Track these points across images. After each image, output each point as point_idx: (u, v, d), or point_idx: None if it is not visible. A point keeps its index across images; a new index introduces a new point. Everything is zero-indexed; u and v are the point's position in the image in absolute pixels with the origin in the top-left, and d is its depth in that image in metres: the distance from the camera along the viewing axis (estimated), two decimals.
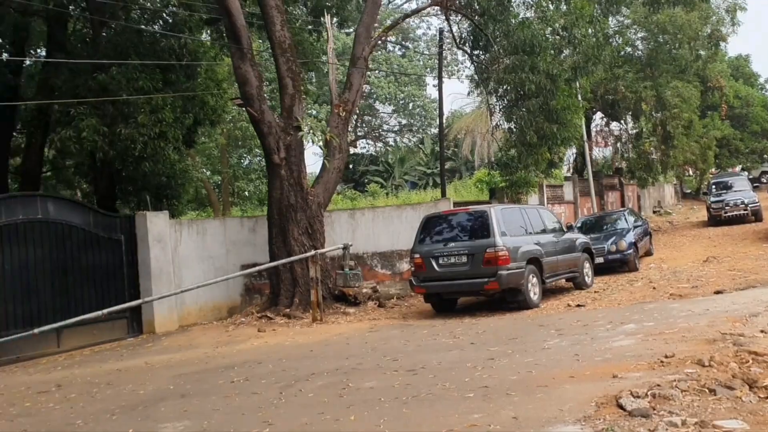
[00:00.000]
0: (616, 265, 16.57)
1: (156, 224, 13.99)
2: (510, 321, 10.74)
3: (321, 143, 13.93)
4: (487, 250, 11.49)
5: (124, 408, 7.57)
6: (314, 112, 41.63)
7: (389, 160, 56.20)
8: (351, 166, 56.93)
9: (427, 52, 55.42)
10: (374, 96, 55.80)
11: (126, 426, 6.85)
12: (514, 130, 16.77)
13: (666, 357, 6.43)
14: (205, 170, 35.59)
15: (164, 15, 15.71)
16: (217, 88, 17.57)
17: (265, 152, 14.42)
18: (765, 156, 44.49)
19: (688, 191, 42.64)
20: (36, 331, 9.35)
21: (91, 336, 12.82)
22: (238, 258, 15.36)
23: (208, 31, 18.38)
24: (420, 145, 57.43)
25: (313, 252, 12.91)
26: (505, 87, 16.33)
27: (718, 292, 10.96)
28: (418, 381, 6.99)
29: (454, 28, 18.36)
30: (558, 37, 17.43)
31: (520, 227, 12.43)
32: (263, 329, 12.38)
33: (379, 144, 61.96)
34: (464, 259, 11.73)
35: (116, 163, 14.97)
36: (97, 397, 8.38)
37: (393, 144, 60.13)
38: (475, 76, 18.91)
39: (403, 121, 59.52)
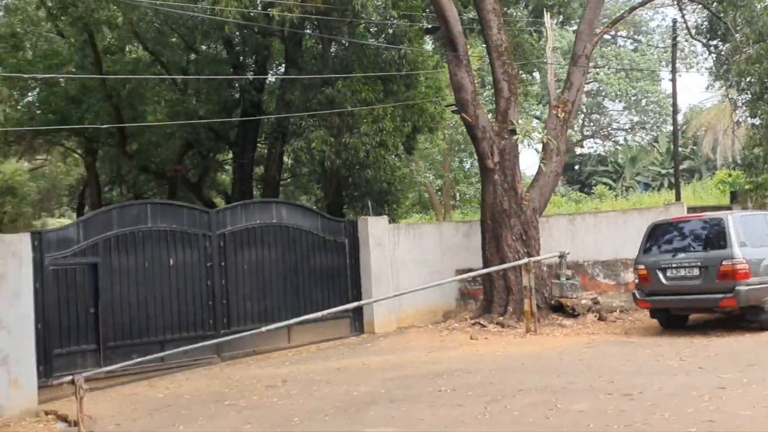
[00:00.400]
0: None
1: (376, 228, 14.54)
2: (750, 344, 9.50)
3: (536, 146, 13.50)
4: (723, 263, 10.29)
5: (338, 409, 7.92)
6: (538, 113, 40.82)
7: (619, 160, 53.25)
8: (577, 167, 54.96)
9: (662, 45, 51.60)
10: (603, 94, 53.32)
11: (336, 427, 7.16)
12: (759, 126, 14.90)
13: None
14: (428, 175, 36.49)
15: (386, 28, 16.31)
16: (436, 95, 17.90)
17: (478, 157, 14.34)
18: None
19: None
20: (264, 329, 10.16)
21: (317, 333, 13.65)
22: (453, 262, 15.44)
23: (430, 40, 18.79)
24: (654, 144, 53.63)
25: (526, 259, 12.56)
26: (748, 79, 14.57)
27: None
28: (633, 408, 6.43)
29: (690, 18, 16.86)
30: None
31: (765, 237, 10.94)
32: (475, 337, 12.30)
33: (608, 143, 59.05)
34: (696, 271, 10.62)
35: (342, 171, 15.87)
36: (315, 395, 8.88)
37: (623, 143, 56.94)
38: (714, 69, 17.15)
39: (635, 119, 56.12)
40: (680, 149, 50.42)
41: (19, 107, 19.04)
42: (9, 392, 9.66)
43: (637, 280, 11.54)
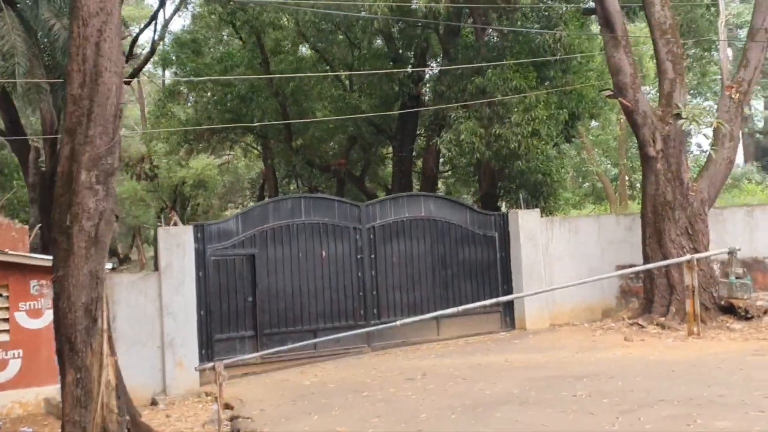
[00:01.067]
0: None
1: (527, 221, 14.10)
2: None
3: (705, 131, 12.34)
4: None
5: (466, 407, 7.82)
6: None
7: None
8: None
9: None
10: None
11: (459, 427, 7.06)
12: None
13: None
14: (606, 163, 34.79)
15: (540, 11, 15.66)
16: (599, 79, 16.92)
17: (639, 145, 13.37)
18: None
19: None
20: (398, 323, 10.21)
21: (467, 327, 13.55)
22: (614, 258, 14.53)
23: (590, 21, 17.79)
24: None
25: (689, 257, 11.51)
26: None
27: None
28: None
29: None
30: None
31: None
32: (630, 338, 11.52)
33: None
34: None
35: (493, 163, 15.54)
36: (450, 391, 8.83)
37: None
38: None
39: None
40: None
41: (198, 107, 20.70)
42: (174, 373, 10.63)
43: None
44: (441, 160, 21.02)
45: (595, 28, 18.08)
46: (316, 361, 12.08)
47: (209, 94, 20.18)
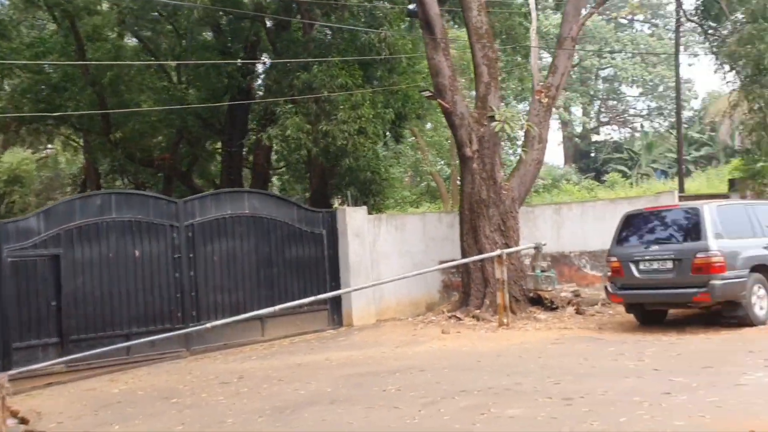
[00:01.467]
0: None
1: (355, 219, 14.18)
2: (717, 343, 8.96)
3: (516, 133, 13.01)
4: (697, 255, 9.74)
5: (276, 409, 7.60)
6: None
7: (635, 148, 52.14)
8: (592, 155, 53.95)
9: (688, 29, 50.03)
10: (619, 79, 52.18)
11: (264, 430, 6.83)
12: (757, 110, 14.21)
13: None
14: (440, 162, 35.93)
15: (365, 10, 15.79)
16: (425, 81, 17.37)
17: (457, 145, 13.87)
18: None
19: None
20: (209, 325, 9.84)
21: (294, 326, 13.35)
22: (437, 254, 15.01)
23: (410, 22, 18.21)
24: (671, 130, 52.43)
25: (498, 251, 12.09)
26: (741, 61, 13.87)
27: None
28: (567, 415, 6.00)
29: None
30: None
31: (745, 228, 10.34)
32: (447, 331, 11.89)
33: (625, 130, 57.93)
34: (669, 264, 10.07)
35: (321, 160, 15.46)
36: (263, 394, 8.57)
37: (640, 129, 55.79)
38: (713, 50, 16.44)
39: (652, 105, 54.94)
40: (697, 135, 49.26)
41: (3, 96, 18.84)
42: None
43: (609, 273, 11.04)
44: (275, 156, 20.67)
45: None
46: (129, 367, 11.35)
47: (17, 81, 18.41)
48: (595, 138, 57.16)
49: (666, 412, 5.69)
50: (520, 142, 15.43)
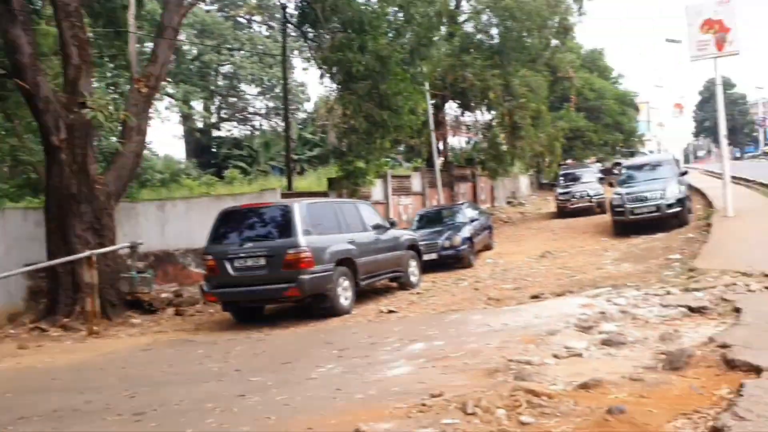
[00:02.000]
0: (451, 261, 15.69)
1: None
2: (303, 336, 9.34)
3: (112, 123, 11.98)
4: (288, 252, 10.05)
5: None
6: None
7: (254, 145, 53.84)
8: (214, 150, 54.08)
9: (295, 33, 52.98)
10: (238, 77, 53.21)
11: None
12: (348, 115, 15.45)
13: (433, 396, 5.26)
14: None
15: None
16: None
17: (41, 132, 12.28)
18: (617, 148, 45.94)
19: (545, 182, 43.35)
20: None
21: None
22: (23, 256, 13.01)
23: None
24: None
25: (88, 252, 10.98)
26: (334, 68, 14.94)
27: (534, 297, 10.17)
28: None
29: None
30: (398, 16, 16.24)
31: (331, 225, 11.05)
32: (26, 345, 10.36)
33: (245, 127, 59.40)
34: (262, 261, 10.21)
35: None
36: None
37: (259, 127, 57.78)
38: (312, 56, 17.44)
39: (270, 104, 57.31)
40: (310, 136, 52.74)
41: None
42: None
43: (205, 271, 10.82)
44: None
45: None
46: None
47: None
48: (216, 134, 57.44)
49: (235, 417, 5.53)
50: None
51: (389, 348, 7.43)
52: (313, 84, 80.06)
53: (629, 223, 18.13)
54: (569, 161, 42.33)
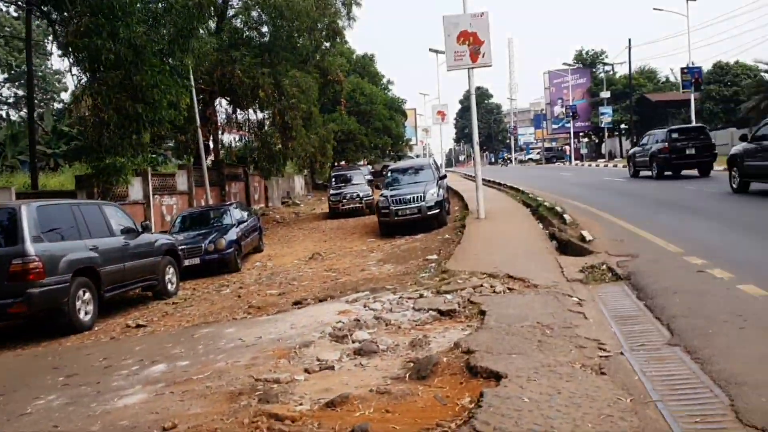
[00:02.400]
0: (216, 266, 14.92)
1: None
2: (26, 360, 8.03)
3: None
4: (13, 262, 8.68)
5: None
6: None
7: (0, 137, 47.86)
8: None
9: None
10: None
11: None
12: (97, 107, 13.96)
13: (165, 430, 4.64)
14: None
15: None
16: None
17: None
18: (387, 151, 47.91)
19: (320, 182, 43.84)
20: None
21: None
22: None
23: None
24: (39, 122, 50.04)
25: None
26: (80, 55, 13.42)
27: (297, 303, 9.84)
28: None
29: None
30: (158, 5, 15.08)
31: (70, 230, 9.77)
32: None
33: None
34: None
35: None
36: None
37: (5, 118, 51.60)
38: (58, 41, 15.61)
39: (20, 92, 51.54)
40: (67, 129, 48.21)
41: None
42: None
43: None
44: None
45: None
46: None
47: None
48: None
49: None
50: None
51: (126, 372, 6.58)
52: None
53: (394, 224, 18.68)
54: (343, 163, 43.24)
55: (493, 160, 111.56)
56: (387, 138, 44.28)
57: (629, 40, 57.06)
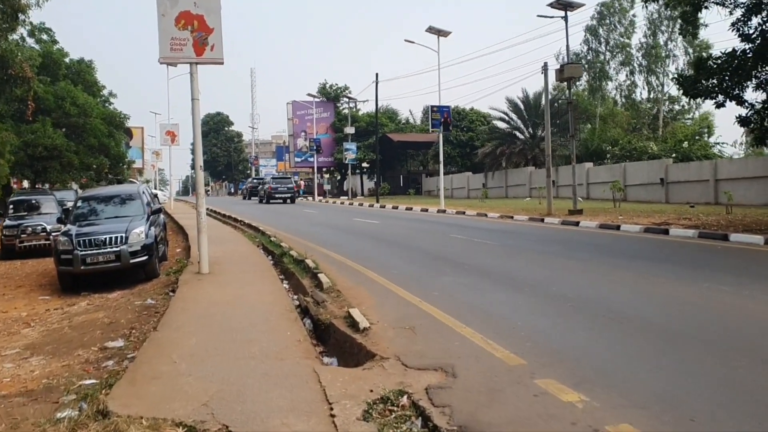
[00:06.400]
0: None
1: None
2: None
3: None
4: None
5: None
6: None
7: None
8: None
9: None
10: None
11: None
12: None
13: None
14: None
15: None
16: None
17: None
18: (105, 174, 40.45)
19: None
20: None
21: None
22: None
23: None
24: None
25: None
26: None
27: None
28: None
29: None
30: None
31: None
32: None
33: None
34: None
35: None
36: None
37: None
38: None
39: None
40: None
41: None
42: None
43: None
44: None
45: None
46: None
47: None
48: None
49: None
50: None
51: None
52: None
53: (81, 275, 13.21)
54: (46, 185, 35.23)
55: (232, 190, 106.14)
56: (104, 158, 37.11)
57: (376, 74, 56.57)
